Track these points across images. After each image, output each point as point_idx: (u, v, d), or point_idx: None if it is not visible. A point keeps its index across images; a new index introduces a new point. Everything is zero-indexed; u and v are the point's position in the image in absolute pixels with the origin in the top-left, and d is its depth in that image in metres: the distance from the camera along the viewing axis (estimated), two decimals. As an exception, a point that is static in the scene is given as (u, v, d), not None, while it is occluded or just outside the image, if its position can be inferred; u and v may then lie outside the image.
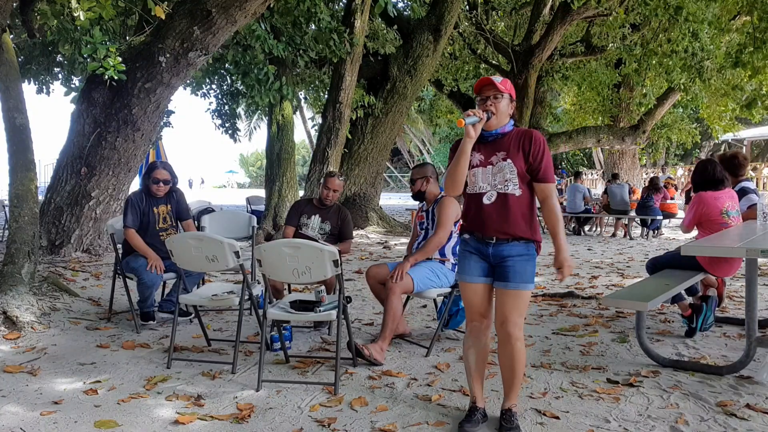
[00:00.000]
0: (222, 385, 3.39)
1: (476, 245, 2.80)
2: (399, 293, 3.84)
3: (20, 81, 5.65)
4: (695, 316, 4.32)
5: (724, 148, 25.63)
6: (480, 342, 2.87)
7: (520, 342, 2.76)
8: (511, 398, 2.84)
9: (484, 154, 2.77)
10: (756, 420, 2.90)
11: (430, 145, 42.62)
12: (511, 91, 2.78)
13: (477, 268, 2.80)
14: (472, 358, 2.89)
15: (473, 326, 2.88)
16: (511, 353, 2.75)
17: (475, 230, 2.79)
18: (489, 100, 2.71)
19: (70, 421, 2.88)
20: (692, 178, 4.66)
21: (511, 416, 2.81)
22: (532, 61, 14.00)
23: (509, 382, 2.83)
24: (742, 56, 9.34)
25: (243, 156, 62.44)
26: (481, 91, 2.76)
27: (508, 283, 2.71)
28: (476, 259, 2.81)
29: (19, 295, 4.63)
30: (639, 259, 8.55)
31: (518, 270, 2.70)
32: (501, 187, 2.71)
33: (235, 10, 6.55)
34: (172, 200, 4.91)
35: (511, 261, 2.71)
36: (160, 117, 7.45)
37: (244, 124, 43.74)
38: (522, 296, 2.72)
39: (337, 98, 10.71)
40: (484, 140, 2.77)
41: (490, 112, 2.69)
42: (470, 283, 2.82)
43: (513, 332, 2.73)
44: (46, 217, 6.94)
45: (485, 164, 2.75)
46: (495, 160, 2.74)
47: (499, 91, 2.72)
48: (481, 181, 2.75)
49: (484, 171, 2.75)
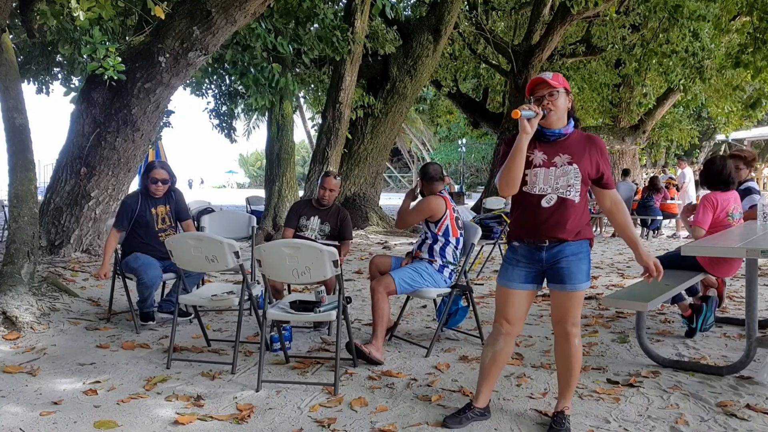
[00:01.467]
0: (222, 386, 3.38)
1: (527, 253, 2.72)
2: (382, 292, 3.85)
3: (20, 81, 5.65)
4: (695, 316, 4.31)
5: (724, 148, 25.63)
6: (498, 344, 2.81)
7: (578, 339, 2.73)
8: (565, 399, 2.80)
9: (547, 154, 2.65)
10: (756, 420, 2.90)
11: (429, 145, 42.63)
12: (566, 85, 2.66)
13: (521, 275, 2.73)
14: (488, 357, 2.85)
15: (497, 328, 2.81)
16: (568, 351, 2.73)
17: (525, 237, 2.71)
18: (545, 99, 2.60)
19: (69, 422, 2.88)
20: (701, 174, 4.56)
21: (562, 419, 2.76)
22: (532, 61, 14.00)
23: (565, 382, 2.78)
24: (743, 56, 9.34)
25: (243, 156, 62.41)
26: (534, 91, 2.65)
27: (564, 285, 2.67)
28: (523, 266, 2.73)
29: (18, 296, 4.62)
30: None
31: (573, 270, 2.65)
32: (563, 192, 2.62)
33: (234, 10, 6.54)
34: (171, 200, 4.89)
35: (565, 262, 2.66)
36: (159, 117, 7.44)
37: (243, 124, 43.73)
38: (578, 296, 2.69)
39: (337, 98, 10.70)
40: (546, 139, 2.65)
41: (548, 110, 2.59)
42: (508, 288, 2.76)
43: (570, 330, 2.71)
44: (45, 218, 6.93)
45: (548, 165, 2.64)
46: (559, 162, 2.64)
47: (553, 87, 2.60)
48: (542, 182, 2.64)
49: (546, 172, 2.64)
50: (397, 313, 4.56)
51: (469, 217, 8.54)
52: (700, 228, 4.37)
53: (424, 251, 4.10)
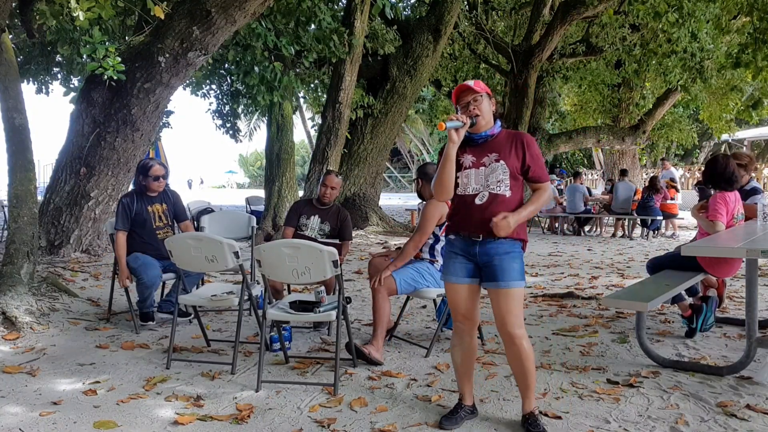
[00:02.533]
0: (221, 386, 3.38)
1: (462, 245, 2.80)
2: (383, 293, 3.85)
3: (19, 81, 5.64)
4: (695, 316, 4.31)
5: (725, 148, 25.63)
6: (464, 342, 2.89)
7: (525, 340, 2.73)
8: (529, 400, 2.81)
9: (475, 156, 2.78)
10: (756, 421, 2.89)
11: (429, 145, 42.62)
12: (487, 90, 2.80)
13: (462, 269, 2.80)
14: (457, 358, 2.92)
15: (457, 327, 2.90)
16: (517, 353, 2.74)
17: (461, 230, 2.80)
18: (471, 105, 2.74)
19: (69, 422, 2.88)
20: (704, 173, 4.51)
21: (535, 420, 2.77)
22: (532, 61, 13.98)
23: (523, 384, 2.80)
24: (744, 56, 9.33)
25: (242, 156, 62.33)
26: (459, 99, 2.78)
27: (498, 282, 2.71)
28: (461, 260, 2.80)
29: (18, 296, 4.62)
30: (639, 260, 8.55)
31: (505, 267, 2.69)
32: (493, 188, 2.72)
33: (234, 10, 6.54)
34: (167, 199, 4.90)
35: (497, 259, 2.71)
36: (159, 117, 7.44)
37: (244, 124, 43.70)
38: (513, 294, 2.70)
39: (337, 98, 10.70)
40: (474, 143, 2.79)
41: (474, 115, 2.72)
42: (454, 283, 2.82)
43: (514, 332, 2.71)
44: (45, 218, 6.93)
45: (477, 165, 2.76)
46: (487, 161, 2.75)
47: (476, 92, 2.74)
48: (474, 182, 2.76)
49: (476, 172, 2.76)
50: (397, 313, 4.56)
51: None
52: (719, 222, 4.21)
53: (425, 251, 4.10)
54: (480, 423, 2.89)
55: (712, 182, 4.42)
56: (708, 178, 4.45)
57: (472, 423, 2.88)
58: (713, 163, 4.45)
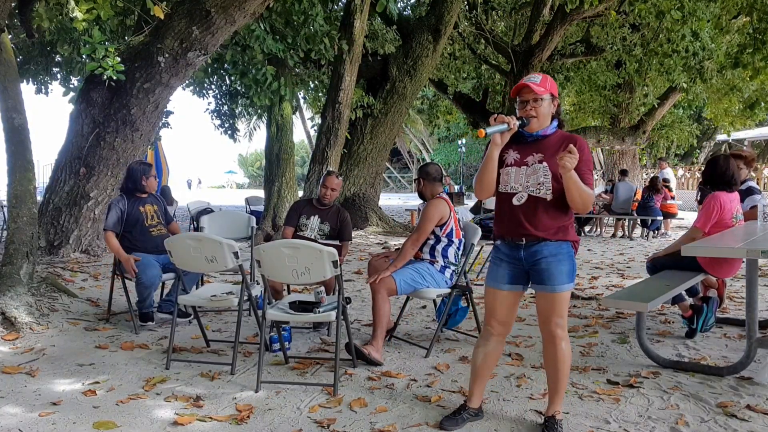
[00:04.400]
0: (221, 386, 3.38)
1: (507, 250, 2.74)
2: (383, 293, 3.84)
3: (19, 81, 5.63)
4: (696, 317, 4.30)
5: (725, 148, 25.61)
6: (489, 345, 2.83)
7: (565, 342, 2.70)
8: (555, 403, 2.77)
9: (520, 154, 2.70)
10: (756, 421, 2.89)
11: (429, 145, 42.63)
12: (553, 90, 2.68)
13: (506, 275, 2.74)
14: (479, 359, 2.86)
15: (487, 330, 2.83)
16: (554, 354, 2.71)
17: (505, 235, 2.73)
18: (529, 105, 2.64)
19: (68, 422, 2.87)
20: (704, 173, 4.50)
21: (554, 425, 2.73)
22: (532, 62, 13.98)
23: (553, 385, 2.76)
24: (743, 57, 9.33)
25: (242, 156, 62.34)
26: (519, 95, 2.68)
27: (545, 286, 2.66)
28: (506, 266, 2.74)
29: (17, 296, 4.61)
30: (639, 260, 8.54)
31: (553, 271, 2.63)
32: (533, 190, 2.64)
33: (234, 10, 6.53)
34: (157, 202, 5.00)
35: (544, 262, 2.64)
36: (158, 117, 7.44)
37: (244, 125, 43.69)
38: (561, 297, 2.66)
39: (337, 98, 10.69)
40: (524, 140, 2.70)
41: (526, 119, 2.62)
42: (496, 289, 2.76)
43: (556, 332, 2.68)
44: (44, 218, 6.92)
45: (520, 164, 2.68)
46: (531, 161, 2.66)
47: (538, 94, 2.62)
48: (513, 181, 2.68)
49: (517, 171, 2.68)
50: (397, 313, 4.55)
51: (469, 218, 8.53)
52: (697, 228, 4.31)
53: (426, 252, 4.09)
54: (480, 423, 2.88)
55: (712, 183, 4.41)
56: (708, 179, 4.44)
57: (471, 423, 2.87)
58: (713, 164, 4.44)
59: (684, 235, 4.48)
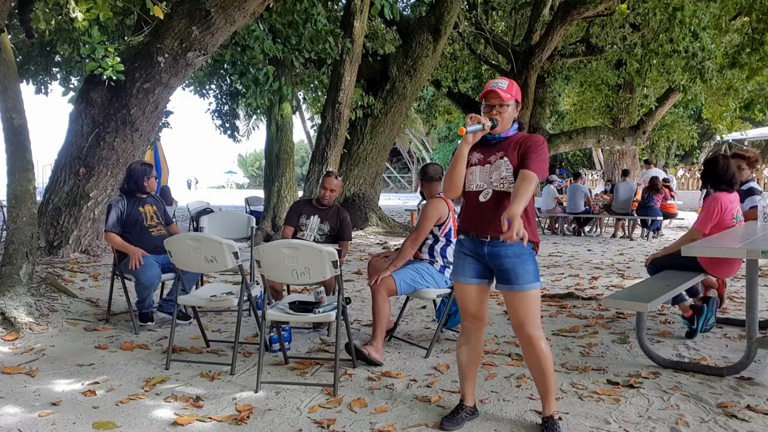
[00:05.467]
0: (221, 387, 3.37)
1: (471, 246, 2.79)
2: (383, 293, 3.84)
3: (18, 81, 5.63)
4: (696, 317, 4.30)
5: (725, 148, 25.61)
6: (470, 342, 2.88)
7: (543, 341, 2.72)
8: (549, 403, 2.78)
9: (483, 154, 2.78)
10: (757, 421, 2.89)
11: (428, 145, 42.61)
12: (517, 96, 2.77)
13: (471, 269, 2.79)
14: (463, 357, 2.91)
15: (465, 327, 2.89)
16: (535, 355, 2.72)
17: (470, 230, 2.79)
18: (494, 109, 2.72)
19: (68, 423, 2.87)
20: (704, 173, 4.46)
21: (553, 425, 2.74)
22: (532, 62, 13.98)
23: (542, 386, 2.77)
24: (740, 57, 9.32)
25: (242, 156, 62.30)
26: (486, 99, 2.76)
27: (512, 285, 2.68)
28: (470, 261, 2.79)
29: (17, 296, 4.61)
30: (639, 260, 8.54)
31: (519, 271, 2.67)
32: (497, 185, 2.70)
33: (233, 10, 6.53)
34: (157, 203, 5.00)
35: (509, 263, 2.68)
36: (158, 117, 7.43)
37: (243, 125, 43.67)
38: (530, 296, 2.68)
39: (337, 98, 10.70)
40: (487, 143, 2.79)
41: (495, 120, 2.70)
42: (463, 284, 2.81)
43: (532, 333, 2.70)
44: (44, 218, 6.92)
45: (483, 163, 2.77)
46: (493, 159, 2.75)
47: (504, 101, 2.71)
48: (478, 179, 2.76)
49: (481, 169, 2.76)
50: (397, 314, 4.55)
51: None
52: (697, 230, 4.31)
53: (425, 252, 4.09)
54: (480, 423, 2.88)
55: (712, 183, 4.39)
56: (708, 179, 4.42)
57: (472, 424, 2.87)
58: (713, 164, 4.40)
59: (684, 235, 4.48)
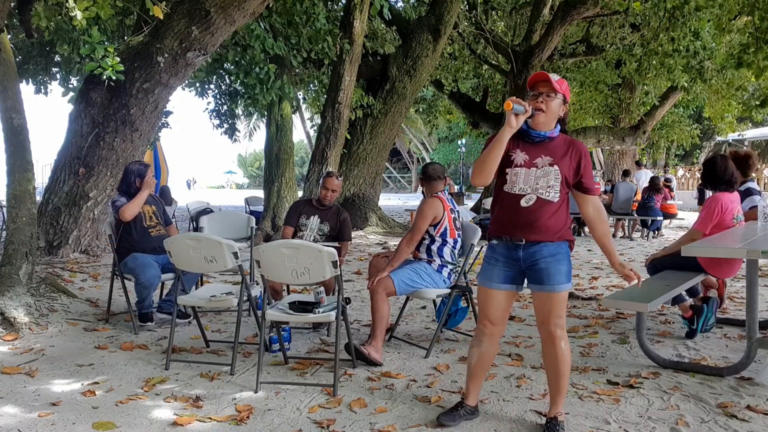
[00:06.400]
0: (220, 387, 3.37)
1: (504, 251, 2.72)
2: (381, 293, 3.84)
3: (18, 81, 5.63)
4: (696, 317, 4.30)
5: (725, 148, 25.61)
6: (483, 345, 2.83)
7: (564, 342, 2.70)
8: (557, 404, 2.76)
9: (528, 155, 2.67)
10: (757, 422, 2.89)
11: (429, 145, 42.62)
12: (566, 93, 2.69)
13: (501, 275, 2.73)
14: (474, 359, 2.87)
15: (481, 329, 2.83)
16: (554, 353, 2.71)
17: (503, 234, 2.71)
18: (541, 97, 2.62)
19: (68, 423, 2.87)
20: (703, 173, 4.45)
21: (556, 426, 2.72)
22: (532, 61, 13.97)
23: (554, 385, 2.76)
24: (746, 56, 9.30)
25: (241, 156, 62.32)
26: (534, 85, 2.66)
27: (543, 286, 2.66)
28: (502, 266, 2.73)
29: (16, 296, 4.60)
30: (639, 260, 8.53)
31: (552, 271, 2.64)
32: (543, 192, 2.63)
33: (233, 9, 6.52)
34: (156, 203, 5.00)
35: (543, 262, 2.65)
36: (158, 117, 7.43)
37: (243, 125, 43.67)
38: (559, 297, 2.67)
39: (336, 98, 10.69)
40: (530, 140, 2.68)
41: (540, 109, 2.60)
42: (490, 288, 2.75)
43: (555, 332, 2.69)
44: (43, 218, 6.91)
45: (529, 165, 2.66)
46: (540, 163, 2.65)
47: (554, 89, 2.62)
48: (522, 183, 2.66)
49: (527, 172, 2.66)
50: (397, 314, 4.55)
51: (469, 218, 8.53)
52: (697, 230, 4.30)
53: (422, 251, 4.09)
54: (480, 423, 2.88)
55: (711, 183, 4.38)
56: (708, 180, 4.41)
57: (471, 424, 2.87)
58: (712, 164, 4.39)
59: (684, 235, 4.47)
